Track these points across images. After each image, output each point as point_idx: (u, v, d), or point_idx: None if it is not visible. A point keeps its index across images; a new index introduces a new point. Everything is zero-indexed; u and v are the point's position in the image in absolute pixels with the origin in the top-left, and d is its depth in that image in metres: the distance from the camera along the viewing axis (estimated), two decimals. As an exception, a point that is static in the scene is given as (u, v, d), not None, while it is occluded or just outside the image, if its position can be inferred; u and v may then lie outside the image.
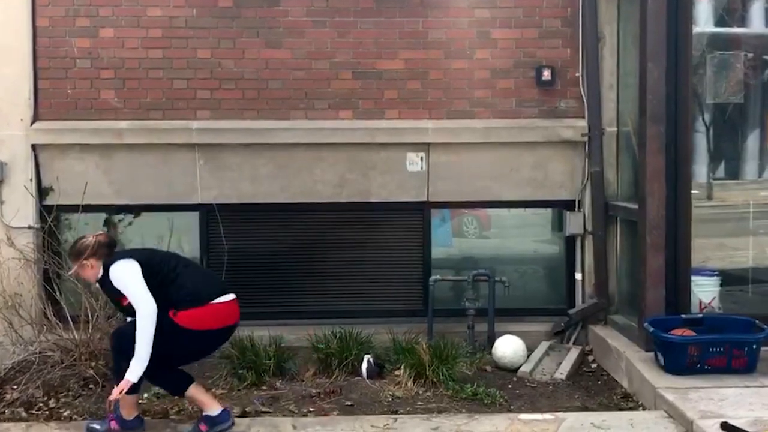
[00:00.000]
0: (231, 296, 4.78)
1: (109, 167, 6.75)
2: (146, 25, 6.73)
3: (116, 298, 4.65)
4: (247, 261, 6.82)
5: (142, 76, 6.75)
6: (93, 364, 5.75)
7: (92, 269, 4.68)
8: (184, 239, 6.86)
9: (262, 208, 6.84)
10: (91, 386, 5.59)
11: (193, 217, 6.87)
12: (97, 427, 4.74)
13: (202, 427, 4.69)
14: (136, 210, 6.90)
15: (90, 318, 5.96)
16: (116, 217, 6.89)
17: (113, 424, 4.70)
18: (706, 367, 5.35)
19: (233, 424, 4.77)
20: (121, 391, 4.44)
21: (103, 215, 6.87)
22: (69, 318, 6.09)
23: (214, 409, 4.72)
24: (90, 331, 5.93)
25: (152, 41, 6.73)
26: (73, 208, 6.63)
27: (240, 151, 6.74)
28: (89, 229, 6.74)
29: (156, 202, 6.81)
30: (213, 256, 6.80)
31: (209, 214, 6.81)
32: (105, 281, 4.65)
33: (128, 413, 4.72)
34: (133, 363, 4.42)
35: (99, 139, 6.70)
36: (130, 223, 6.90)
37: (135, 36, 6.73)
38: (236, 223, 6.86)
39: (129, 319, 4.73)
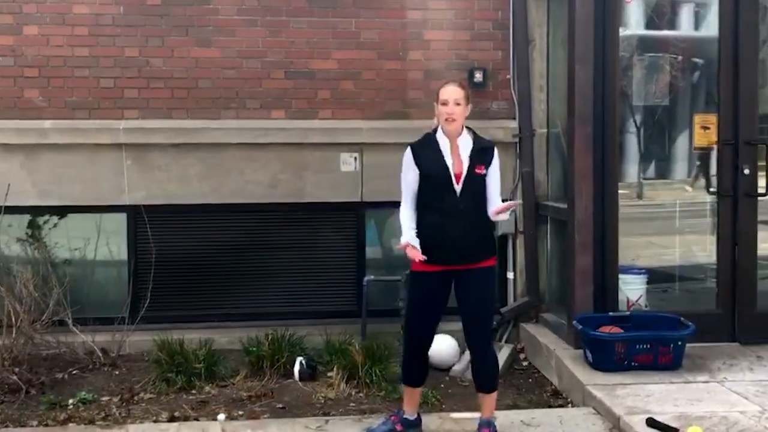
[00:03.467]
0: None
1: (33, 168, 6.57)
2: (72, 23, 6.57)
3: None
4: (177, 263, 6.70)
5: (68, 74, 6.58)
6: (16, 369, 5.59)
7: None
8: (111, 241, 6.73)
9: (192, 209, 6.73)
10: (14, 393, 5.41)
11: (121, 219, 6.72)
12: (383, 428, 4.68)
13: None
14: (62, 211, 6.72)
15: (14, 322, 5.80)
16: (41, 219, 6.71)
17: (398, 427, 4.67)
18: (633, 363, 5.44)
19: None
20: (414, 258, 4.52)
21: (28, 217, 6.68)
22: (-9, 322, 5.92)
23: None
24: (13, 335, 5.77)
25: (78, 39, 6.57)
26: (-4, 210, 6.45)
27: (169, 151, 6.63)
28: (12, 232, 6.60)
29: (82, 203, 6.64)
30: (141, 258, 6.66)
31: (137, 216, 6.67)
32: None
33: (411, 411, 4.70)
34: None
35: (23, 139, 6.51)
36: (55, 225, 6.72)
37: (60, 34, 6.55)
38: (165, 224, 6.74)
39: None
